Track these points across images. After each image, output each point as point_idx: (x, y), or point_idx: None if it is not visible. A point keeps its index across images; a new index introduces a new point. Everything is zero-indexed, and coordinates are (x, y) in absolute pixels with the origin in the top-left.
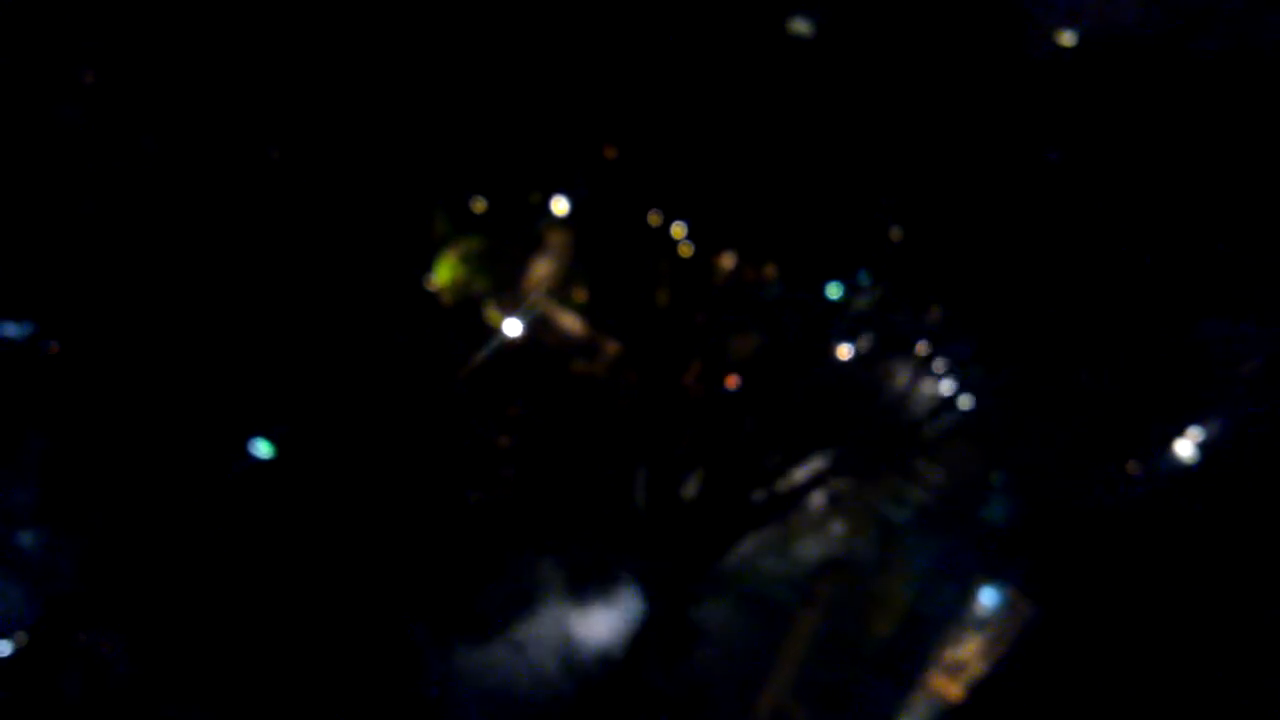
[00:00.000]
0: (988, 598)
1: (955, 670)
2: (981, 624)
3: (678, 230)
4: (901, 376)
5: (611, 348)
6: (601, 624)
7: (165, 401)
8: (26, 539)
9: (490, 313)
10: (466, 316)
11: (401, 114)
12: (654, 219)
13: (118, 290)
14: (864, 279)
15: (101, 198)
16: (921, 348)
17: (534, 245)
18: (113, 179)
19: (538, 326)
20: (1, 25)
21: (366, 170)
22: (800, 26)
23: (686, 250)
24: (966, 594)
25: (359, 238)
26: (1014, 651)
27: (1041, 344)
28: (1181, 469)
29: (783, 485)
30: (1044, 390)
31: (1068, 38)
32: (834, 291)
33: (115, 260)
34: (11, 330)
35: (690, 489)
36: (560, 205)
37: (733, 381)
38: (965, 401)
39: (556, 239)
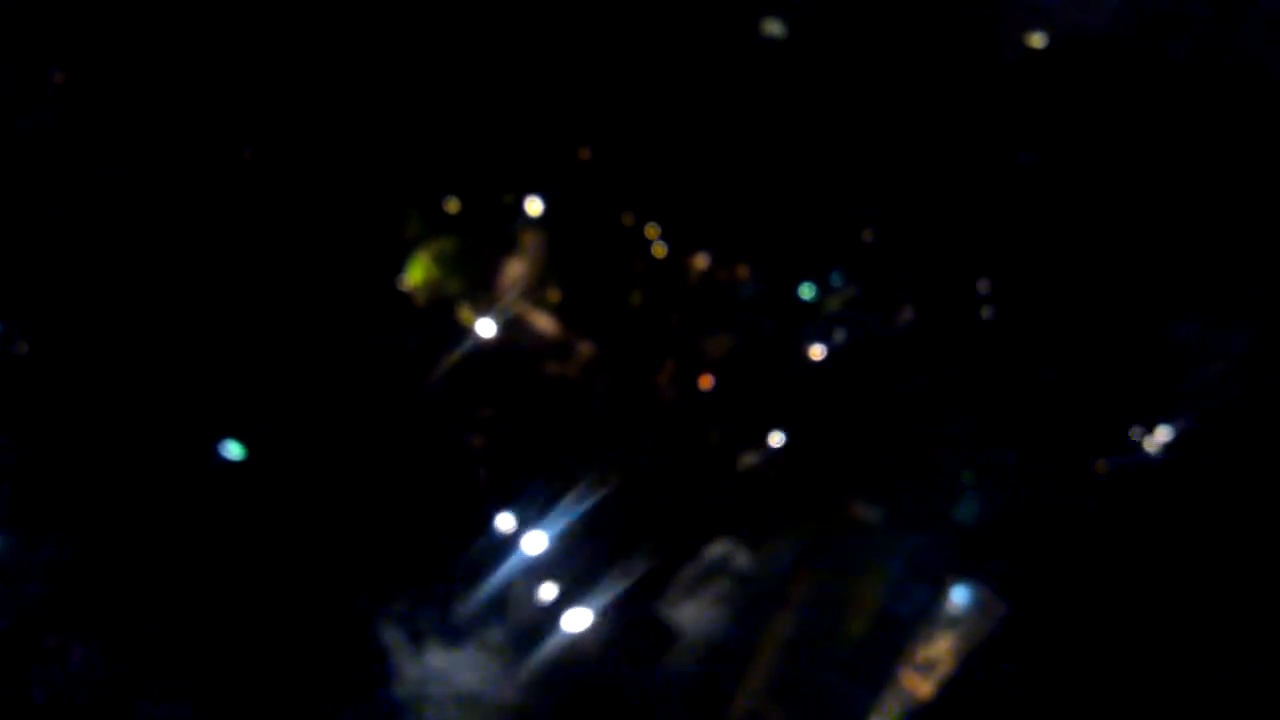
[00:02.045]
0: (959, 596)
1: (926, 669)
2: (953, 623)
3: (651, 230)
4: (873, 379)
5: (585, 348)
6: (574, 625)
7: (136, 403)
8: None
9: (463, 313)
10: (439, 317)
11: (375, 114)
12: (627, 219)
13: (88, 290)
14: (837, 280)
15: (73, 198)
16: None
17: (508, 246)
18: (84, 179)
19: (511, 327)
20: None
21: (339, 170)
22: (773, 27)
23: (660, 251)
24: (938, 593)
25: (331, 237)
26: (985, 650)
27: (1012, 343)
28: (1151, 468)
29: (757, 485)
30: (1014, 388)
31: (1038, 39)
32: (807, 292)
33: (86, 260)
34: None
35: (664, 488)
36: (534, 206)
37: (706, 381)
38: (935, 401)
39: (530, 239)
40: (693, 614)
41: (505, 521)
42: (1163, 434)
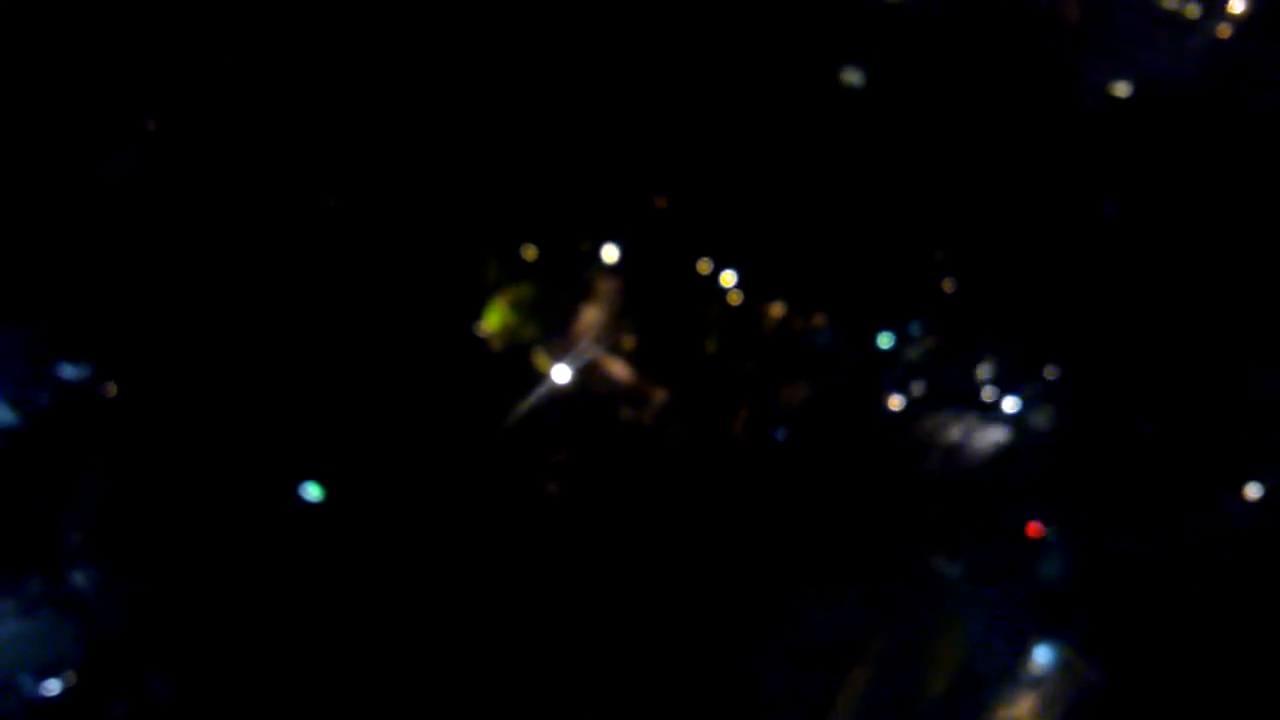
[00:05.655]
0: (1042, 656)
1: None
2: (1036, 683)
3: (726, 278)
4: (954, 430)
5: (660, 395)
6: (648, 676)
7: (218, 443)
8: (78, 579)
9: (539, 359)
10: (515, 363)
11: (457, 164)
12: (703, 267)
13: (175, 333)
14: (916, 329)
15: (162, 244)
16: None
17: (584, 292)
18: (174, 225)
19: (586, 373)
20: (68, 74)
21: (421, 218)
22: (852, 77)
23: (735, 298)
24: (1021, 652)
25: (412, 284)
26: (1069, 713)
27: (1099, 395)
28: (1246, 524)
29: (835, 536)
30: (1101, 442)
31: (1121, 89)
32: (885, 341)
33: (173, 304)
34: (70, 372)
35: (739, 539)
36: (610, 253)
37: (781, 430)
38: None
39: (606, 286)
40: (769, 668)
41: (577, 565)
42: (1254, 490)
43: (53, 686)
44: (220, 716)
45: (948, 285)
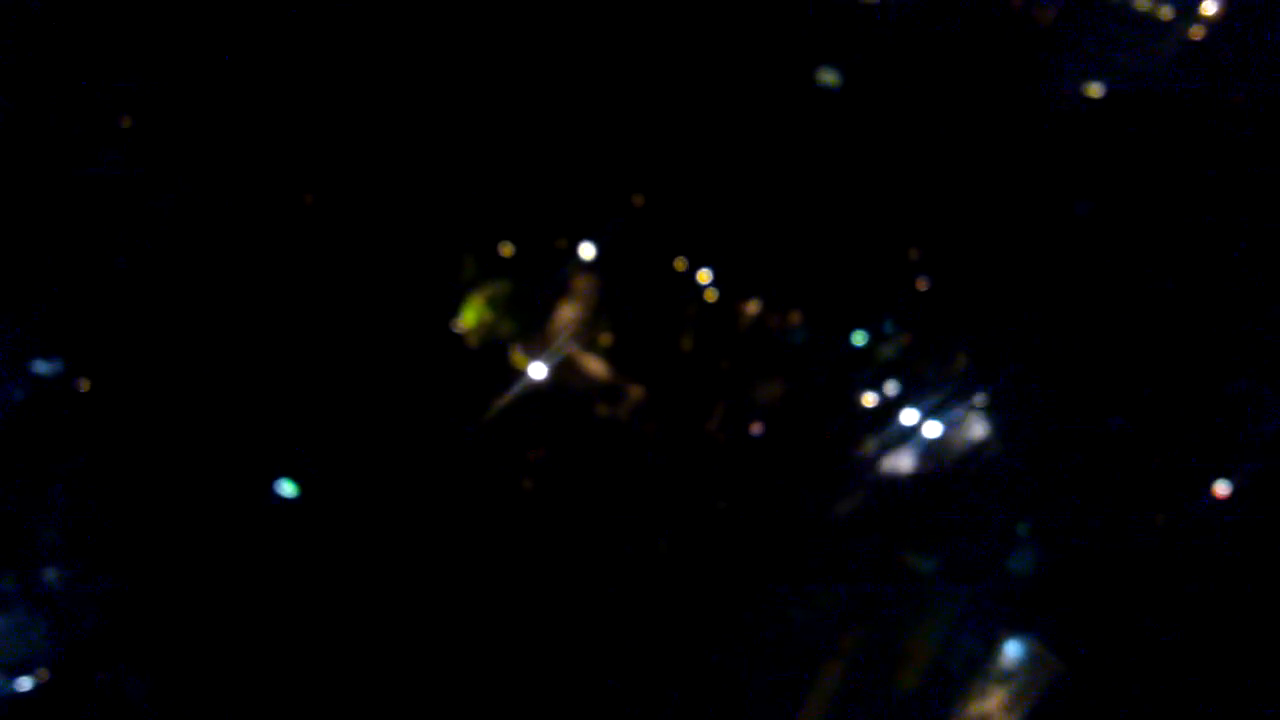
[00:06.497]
0: (1013, 650)
1: None
2: (1006, 677)
3: (703, 276)
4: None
5: (636, 392)
6: (622, 674)
7: (193, 440)
8: (51, 576)
9: (516, 356)
10: (492, 359)
11: (433, 160)
12: (679, 264)
13: (148, 328)
14: (889, 327)
15: (136, 239)
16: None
17: (560, 289)
18: (148, 220)
19: (562, 370)
20: (41, 68)
21: (397, 214)
22: (828, 77)
23: (712, 296)
24: (991, 646)
25: (389, 280)
26: (1039, 707)
27: (1070, 392)
28: (1216, 520)
29: (809, 533)
30: (1072, 439)
31: (1095, 89)
32: (859, 339)
33: (146, 299)
34: (42, 367)
35: (713, 535)
36: (587, 250)
37: (757, 427)
38: (989, 451)
39: (583, 284)
40: (743, 663)
41: (552, 563)
42: (1223, 487)
43: (25, 684)
44: (194, 714)
45: (921, 284)
